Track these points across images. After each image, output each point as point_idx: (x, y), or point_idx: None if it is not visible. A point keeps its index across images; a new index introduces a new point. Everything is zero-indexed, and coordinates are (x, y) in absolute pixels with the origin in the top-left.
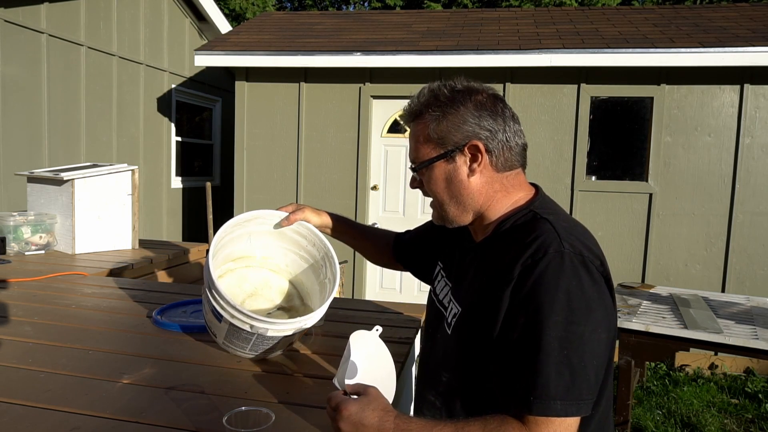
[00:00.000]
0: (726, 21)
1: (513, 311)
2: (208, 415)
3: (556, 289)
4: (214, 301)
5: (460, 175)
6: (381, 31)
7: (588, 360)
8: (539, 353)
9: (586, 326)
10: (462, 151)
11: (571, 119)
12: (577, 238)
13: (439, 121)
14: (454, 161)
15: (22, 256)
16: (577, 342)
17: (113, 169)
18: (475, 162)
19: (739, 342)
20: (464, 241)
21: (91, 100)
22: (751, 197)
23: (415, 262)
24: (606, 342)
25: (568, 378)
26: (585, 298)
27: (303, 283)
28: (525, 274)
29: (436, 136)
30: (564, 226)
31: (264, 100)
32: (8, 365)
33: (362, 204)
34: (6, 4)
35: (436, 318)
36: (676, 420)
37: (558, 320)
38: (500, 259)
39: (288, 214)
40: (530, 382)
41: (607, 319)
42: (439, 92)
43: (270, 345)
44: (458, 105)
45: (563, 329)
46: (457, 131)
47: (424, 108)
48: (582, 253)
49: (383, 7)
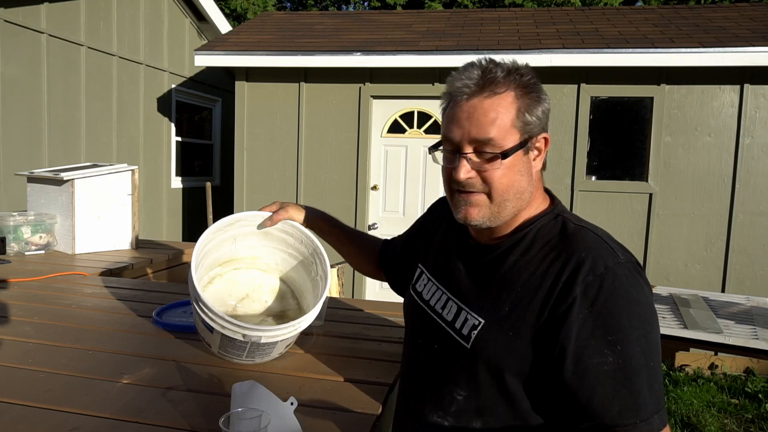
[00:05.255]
0: (726, 21)
1: (585, 332)
2: (207, 415)
3: (629, 303)
4: (203, 313)
5: (531, 170)
6: (381, 31)
7: (659, 363)
8: (631, 373)
9: (655, 332)
10: (537, 142)
11: (571, 119)
12: (619, 246)
13: (536, 106)
14: (529, 152)
15: (22, 256)
16: (655, 350)
17: (113, 169)
18: (538, 156)
19: (739, 342)
20: (457, 240)
21: (91, 100)
22: (751, 197)
23: (398, 270)
24: None
25: (657, 389)
26: (650, 304)
27: (295, 280)
28: (590, 292)
29: (525, 120)
30: (604, 233)
31: (264, 100)
32: (8, 365)
33: (362, 204)
34: (6, 4)
35: (427, 326)
36: (676, 420)
37: (640, 334)
38: (540, 271)
39: (271, 214)
40: (628, 406)
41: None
42: (522, 69)
43: (266, 350)
44: (541, 90)
45: (645, 342)
46: (542, 121)
47: (512, 84)
48: (631, 259)
49: (383, 7)
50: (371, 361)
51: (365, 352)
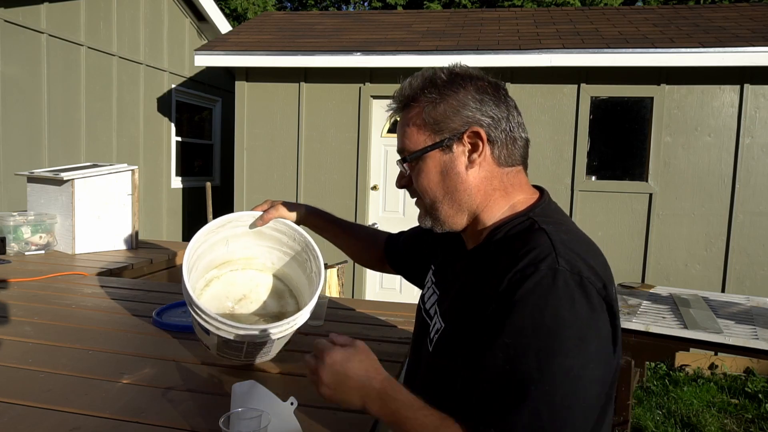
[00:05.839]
0: (726, 21)
1: (494, 333)
2: (207, 415)
3: (543, 313)
4: (198, 316)
5: (458, 167)
6: (381, 31)
7: (574, 401)
8: (516, 385)
9: (576, 359)
10: (461, 140)
11: (571, 119)
12: (578, 254)
13: (436, 105)
14: (451, 151)
15: (22, 256)
16: (561, 378)
17: (113, 169)
18: (475, 152)
19: (739, 342)
20: (458, 248)
21: (91, 100)
22: (751, 197)
23: (409, 266)
24: (601, 380)
25: (546, 418)
26: (578, 325)
27: (292, 278)
28: (510, 292)
29: (432, 120)
30: (564, 238)
31: (264, 100)
32: (8, 365)
33: (362, 204)
34: (6, 4)
35: (422, 329)
36: (676, 420)
37: (542, 349)
38: (488, 273)
39: (262, 213)
40: (499, 415)
41: (605, 352)
42: (436, 76)
43: (264, 349)
44: (458, 87)
45: (547, 361)
46: (456, 116)
47: (419, 92)
48: (581, 272)
49: (383, 7)
50: None
51: None
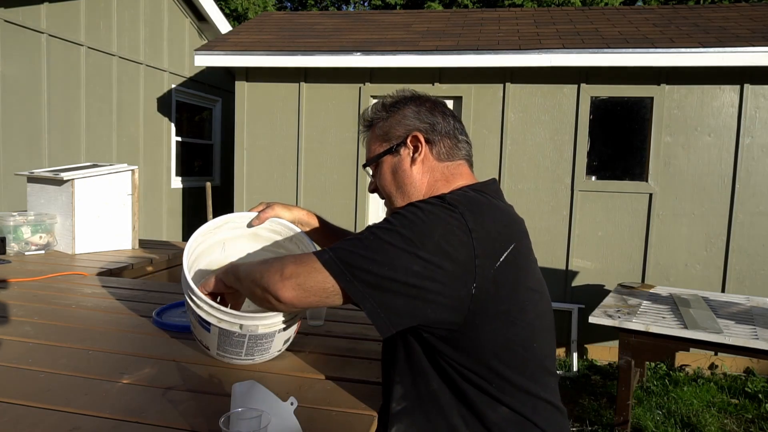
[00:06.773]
0: (726, 21)
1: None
2: (207, 415)
3: (406, 208)
4: (198, 308)
5: (404, 166)
6: (381, 31)
7: (386, 259)
8: (355, 237)
9: (404, 230)
10: (405, 144)
11: (571, 119)
12: (463, 204)
13: (384, 121)
14: (398, 154)
15: (22, 256)
16: (383, 234)
17: (113, 169)
18: (416, 152)
19: (739, 342)
20: None
21: (91, 100)
22: (751, 197)
23: None
24: (414, 273)
25: (359, 248)
26: (421, 214)
27: None
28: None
29: (382, 133)
30: (454, 197)
31: (264, 100)
32: (8, 365)
33: (362, 204)
34: (6, 4)
35: None
36: (676, 420)
37: (380, 226)
38: None
39: (258, 213)
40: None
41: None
42: (385, 100)
43: (265, 345)
44: (401, 105)
45: (382, 227)
46: (399, 126)
47: (374, 114)
48: (448, 199)
49: (383, 7)
50: (371, 361)
51: (365, 352)
